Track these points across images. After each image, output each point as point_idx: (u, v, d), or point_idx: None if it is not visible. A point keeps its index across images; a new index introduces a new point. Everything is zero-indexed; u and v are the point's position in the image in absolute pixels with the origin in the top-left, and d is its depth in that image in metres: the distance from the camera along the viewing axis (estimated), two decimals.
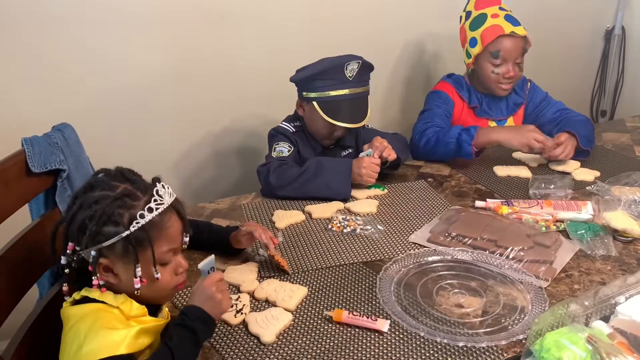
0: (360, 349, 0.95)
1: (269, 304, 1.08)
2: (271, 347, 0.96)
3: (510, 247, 1.20)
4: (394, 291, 1.09)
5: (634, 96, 2.97)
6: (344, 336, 0.98)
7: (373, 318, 1.00)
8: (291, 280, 1.15)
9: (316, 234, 1.35)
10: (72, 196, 0.90)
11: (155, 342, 0.93)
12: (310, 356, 0.94)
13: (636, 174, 1.51)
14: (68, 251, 0.88)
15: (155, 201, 0.87)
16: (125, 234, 0.84)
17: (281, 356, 0.94)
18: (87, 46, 1.74)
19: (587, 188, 1.53)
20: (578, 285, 1.11)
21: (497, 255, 1.19)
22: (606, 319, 0.94)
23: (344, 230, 1.34)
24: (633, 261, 1.19)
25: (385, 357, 0.93)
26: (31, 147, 1.13)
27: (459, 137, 1.67)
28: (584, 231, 1.27)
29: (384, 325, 0.99)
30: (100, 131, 1.79)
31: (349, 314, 1.01)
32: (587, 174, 1.63)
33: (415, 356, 0.93)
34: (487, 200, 1.47)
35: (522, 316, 1.01)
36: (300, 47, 2.01)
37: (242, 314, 1.03)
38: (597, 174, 1.63)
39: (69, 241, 0.88)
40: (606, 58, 2.97)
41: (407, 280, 1.13)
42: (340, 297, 1.09)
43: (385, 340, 0.97)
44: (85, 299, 0.88)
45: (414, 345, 0.95)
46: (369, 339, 0.97)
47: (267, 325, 1.00)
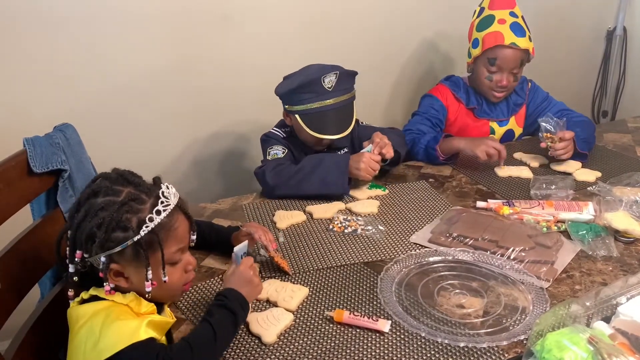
0: (361, 349, 0.95)
1: (270, 304, 1.08)
2: (272, 348, 0.96)
3: (511, 247, 1.20)
4: (395, 291, 1.09)
5: (635, 97, 2.97)
6: (345, 336, 0.98)
7: (374, 318, 1.00)
8: (292, 280, 1.15)
9: (317, 234, 1.35)
10: (74, 203, 0.90)
11: (161, 340, 0.93)
12: (311, 356, 0.94)
13: (637, 174, 1.51)
14: (76, 259, 0.87)
15: (162, 203, 0.87)
16: (135, 238, 0.84)
17: (282, 356, 0.94)
18: (89, 46, 1.74)
19: (588, 189, 1.53)
20: (579, 286, 1.11)
21: (498, 256, 1.19)
22: (607, 319, 0.94)
23: (345, 231, 1.34)
24: (634, 262, 1.19)
25: (386, 357, 0.93)
26: (33, 147, 1.13)
27: (427, 144, 1.74)
28: (585, 232, 1.27)
29: (385, 325, 0.99)
30: (102, 131, 1.79)
31: (350, 314, 1.01)
32: (588, 175, 1.62)
33: (416, 356, 0.93)
34: (489, 200, 1.47)
35: (523, 317, 1.01)
36: (304, 49, 2.01)
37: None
38: (599, 174, 1.62)
39: (76, 249, 0.86)
40: (608, 58, 2.97)
41: (408, 281, 1.13)
42: (341, 298, 1.09)
43: (386, 340, 0.97)
44: (95, 298, 0.88)
45: (415, 346, 0.95)
46: (370, 339, 0.97)
47: (268, 325, 1.00)
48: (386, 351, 0.94)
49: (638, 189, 1.42)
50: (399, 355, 0.93)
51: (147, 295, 0.87)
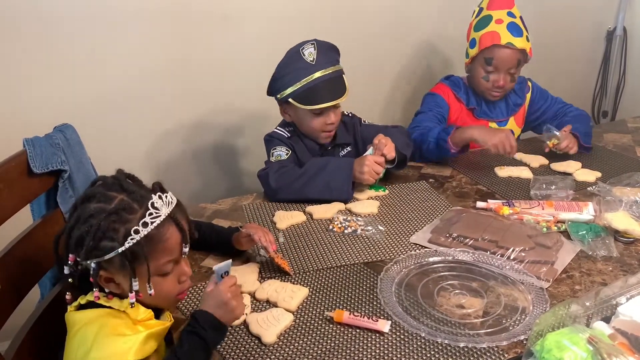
0: (361, 349, 0.95)
1: (270, 304, 1.08)
2: (272, 348, 0.96)
3: (511, 247, 1.20)
4: (395, 292, 1.09)
5: (635, 97, 2.97)
6: (345, 337, 0.98)
7: (374, 319, 1.00)
8: (292, 280, 1.15)
9: (317, 234, 1.35)
10: (72, 205, 0.89)
11: (160, 346, 0.92)
12: (311, 357, 0.94)
13: (637, 174, 1.51)
14: (70, 262, 0.87)
15: (151, 215, 0.85)
16: (120, 250, 0.83)
17: (282, 356, 0.94)
18: (89, 46, 1.74)
19: (588, 189, 1.53)
20: (579, 286, 1.11)
21: (498, 256, 1.19)
22: (607, 319, 0.94)
23: (345, 231, 1.35)
24: (634, 262, 1.19)
25: (386, 357, 0.93)
26: (32, 147, 1.13)
27: (438, 136, 1.69)
28: (585, 232, 1.27)
29: (384, 325, 0.99)
30: (102, 131, 1.79)
31: (349, 314, 1.01)
32: (588, 175, 1.62)
33: (416, 357, 0.93)
34: (488, 201, 1.47)
35: (523, 317, 1.01)
36: None
37: (243, 314, 1.03)
38: (599, 174, 1.63)
39: (69, 252, 0.86)
40: (608, 59, 2.97)
41: (408, 281, 1.13)
42: (341, 298, 1.09)
43: (386, 340, 0.97)
44: (91, 304, 0.88)
45: (415, 346, 0.95)
46: (369, 339, 0.97)
47: (268, 325, 1.00)
48: (386, 351, 0.94)
49: (638, 189, 1.42)
50: (398, 356, 0.93)
51: (131, 306, 0.86)
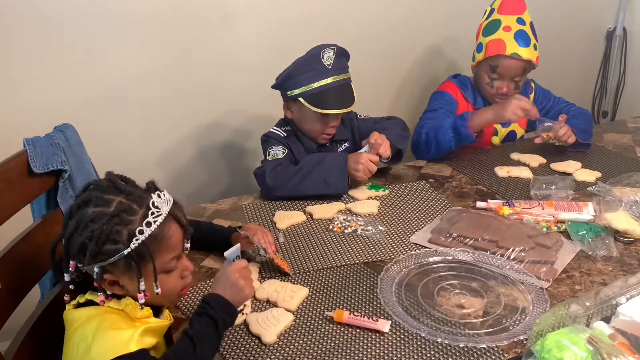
0: (361, 349, 0.95)
1: (270, 304, 1.08)
2: (272, 348, 0.96)
3: (511, 247, 1.20)
4: (395, 292, 1.09)
5: (635, 97, 2.97)
6: (345, 337, 0.98)
7: (374, 318, 1.00)
8: (292, 280, 1.15)
9: (317, 234, 1.35)
10: (66, 211, 0.88)
11: (159, 344, 0.93)
12: (311, 357, 0.94)
13: (637, 174, 1.51)
14: (70, 269, 0.86)
15: (153, 214, 0.85)
16: (126, 251, 0.83)
17: (282, 356, 0.94)
18: (89, 46, 1.74)
19: (588, 189, 1.53)
20: (579, 286, 1.11)
21: (498, 256, 1.19)
22: (607, 319, 0.94)
23: (345, 231, 1.35)
24: (634, 262, 1.19)
25: (386, 357, 0.93)
26: (33, 147, 1.13)
27: (455, 124, 1.69)
28: (585, 232, 1.27)
29: (385, 325, 0.99)
30: (102, 131, 1.79)
31: (350, 314, 1.01)
32: (588, 175, 1.62)
33: (416, 357, 0.93)
34: (488, 201, 1.47)
35: (523, 317, 1.01)
36: (305, 50, 2.01)
37: (243, 314, 1.03)
38: (599, 174, 1.63)
39: (69, 259, 0.86)
40: (607, 59, 2.97)
41: (408, 281, 1.13)
42: (341, 298, 1.09)
43: (386, 340, 0.97)
44: (90, 303, 0.88)
45: (415, 346, 0.96)
46: (370, 339, 0.97)
47: (268, 325, 1.00)
48: (386, 351, 0.94)
49: (638, 189, 1.42)
50: (399, 356, 0.93)
51: (140, 307, 0.87)
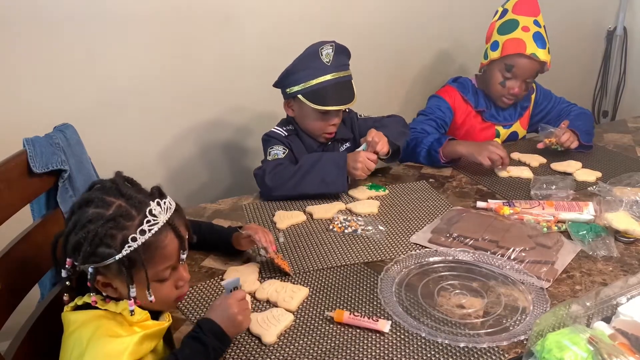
0: (361, 349, 0.95)
1: (270, 304, 1.08)
2: (272, 348, 0.96)
3: (511, 247, 1.20)
4: (395, 292, 1.09)
5: (635, 97, 2.97)
6: (345, 337, 0.98)
7: (374, 319, 1.00)
8: (292, 280, 1.15)
9: (317, 234, 1.34)
10: (70, 208, 0.88)
11: (158, 345, 0.92)
12: (311, 357, 0.94)
13: (638, 174, 1.51)
14: (67, 266, 0.87)
15: (149, 222, 0.84)
16: (118, 257, 0.82)
17: (282, 357, 0.94)
18: (89, 46, 1.74)
19: (588, 189, 1.53)
20: (579, 286, 1.11)
21: (499, 256, 1.19)
22: (608, 319, 0.94)
23: (345, 231, 1.34)
24: (634, 262, 1.19)
25: (386, 357, 0.93)
26: (33, 147, 1.13)
27: (430, 146, 1.71)
28: (585, 232, 1.27)
29: (385, 325, 0.99)
30: (102, 131, 1.79)
31: (350, 314, 1.01)
32: (588, 175, 1.62)
33: (416, 357, 0.93)
34: (489, 200, 1.46)
35: (523, 317, 1.01)
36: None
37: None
38: (599, 174, 1.62)
39: (67, 256, 0.86)
40: (608, 59, 2.97)
41: (408, 281, 1.13)
42: (342, 298, 1.09)
43: (386, 340, 0.97)
44: (88, 305, 0.88)
45: (415, 346, 0.95)
46: (370, 339, 0.97)
47: (269, 325, 1.00)
48: (386, 351, 0.94)
49: (638, 189, 1.41)
50: (399, 356, 0.93)
51: (131, 315, 0.86)
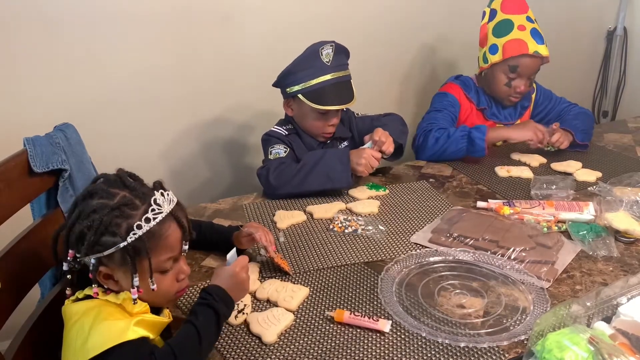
0: (361, 349, 0.95)
1: (270, 304, 1.08)
2: (272, 347, 0.96)
3: (512, 247, 1.20)
4: (395, 291, 1.09)
5: (635, 97, 2.97)
6: (346, 336, 0.98)
7: (374, 318, 1.00)
8: (293, 280, 1.15)
9: (318, 234, 1.34)
10: (72, 202, 0.90)
11: (156, 340, 0.92)
12: (311, 356, 0.94)
13: (638, 174, 1.50)
14: (69, 258, 0.87)
15: (153, 211, 0.86)
16: (122, 245, 0.84)
17: (282, 356, 0.94)
18: (89, 46, 1.74)
19: (589, 189, 1.53)
20: (580, 286, 1.11)
21: (499, 256, 1.19)
22: (608, 319, 0.94)
23: (346, 231, 1.34)
24: (635, 262, 1.19)
25: (386, 357, 0.93)
26: (33, 147, 1.13)
27: (470, 134, 1.69)
28: (585, 232, 1.27)
29: (385, 325, 0.99)
30: (102, 131, 1.79)
31: (350, 314, 1.01)
32: (589, 175, 1.62)
33: (416, 356, 0.93)
34: (489, 200, 1.46)
35: (523, 317, 1.01)
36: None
37: (243, 314, 1.03)
38: (599, 174, 1.63)
39: (69, 248, 0.87)
40: (608, 59, 2.97)
41: (408, 281, 1.13)
42: (342, 298, 1.09)
43: (386, 340, 0.97)
44: (89, 297, 0.88)
45: (415, 346, 0.95)
46: (370, 339, 0.97)
47: (269, 325, 1.00)
48: (386, 351, 0.94)
49: (638, 189, 1.41)
50: (399, 356, 0.93)
51: (133, 302, 0.87)
